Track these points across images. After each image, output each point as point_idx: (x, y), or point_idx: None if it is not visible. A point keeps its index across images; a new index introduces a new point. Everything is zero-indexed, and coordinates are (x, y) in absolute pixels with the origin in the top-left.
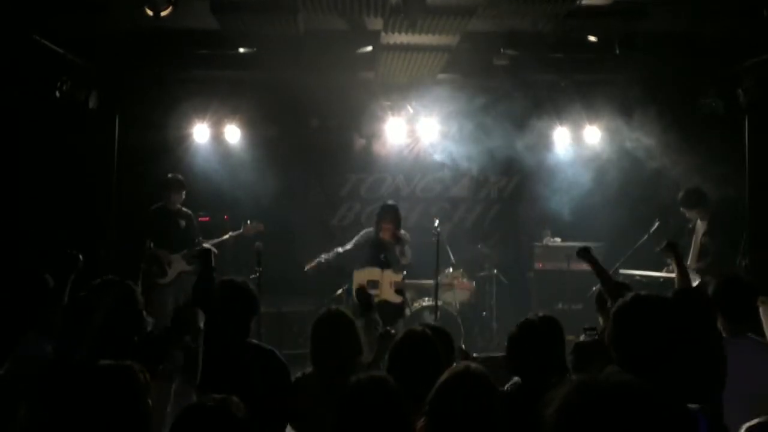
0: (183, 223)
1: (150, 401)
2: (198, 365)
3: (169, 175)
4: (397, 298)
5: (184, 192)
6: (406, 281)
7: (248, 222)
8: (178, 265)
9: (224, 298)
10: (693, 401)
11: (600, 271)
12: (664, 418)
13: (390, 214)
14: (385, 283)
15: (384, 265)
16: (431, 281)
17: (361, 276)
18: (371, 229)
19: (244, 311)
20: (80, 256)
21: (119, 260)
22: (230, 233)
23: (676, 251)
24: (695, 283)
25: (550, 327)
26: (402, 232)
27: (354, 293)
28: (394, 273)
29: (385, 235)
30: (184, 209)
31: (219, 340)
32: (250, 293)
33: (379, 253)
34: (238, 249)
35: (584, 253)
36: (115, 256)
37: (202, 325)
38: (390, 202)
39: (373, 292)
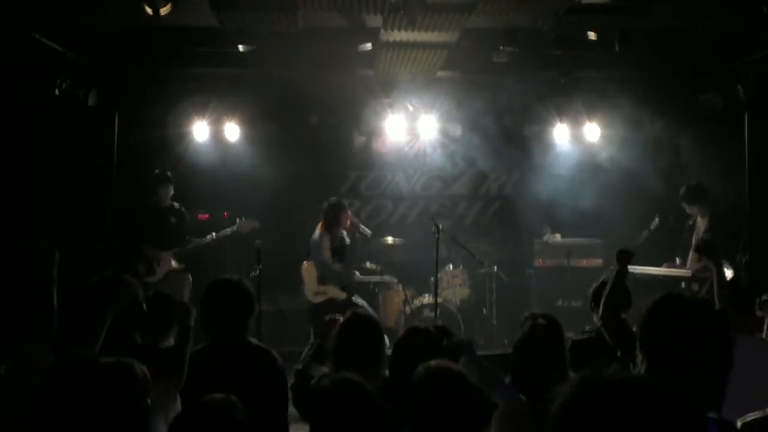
0: (174, 220)
1: (149, 399)
2: (184, 366)
3: (157, 171)
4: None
5: (171, 187)
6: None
7: (243, 219)
8: (167, 263)
9: (219, 298)
10: (708, 405)
11: (619, 283)
12: (668, 414)
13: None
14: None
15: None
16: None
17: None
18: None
19: (240, 311)
20: (56, 252)
21: (118, 257)
22: (213, 233)
23: (715, 252)
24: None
25: (555, 328)
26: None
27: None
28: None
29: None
30: (175, 205)
31: (215, 340)
32: (246, 293)
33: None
34: (236, 247)
35: (625, 257)
36: (114, 252)
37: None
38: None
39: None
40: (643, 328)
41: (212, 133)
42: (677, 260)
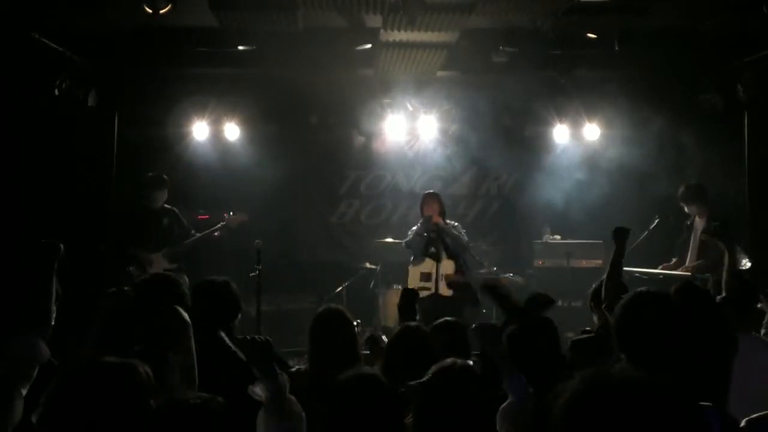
0: (166, 221)
1: (153, 401)
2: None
3: (150, 174)
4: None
5: (166, 191)
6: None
7: (231, 213)
8: (159, 264)
9: (202, 300)
10: (701, 399)
11: (616, 263)
12: (673, 413)
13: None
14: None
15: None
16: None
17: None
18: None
19: (224, 312)
20: (61, 245)
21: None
22: (204, 231)
23: (728, 234)
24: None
25: (550, 327)
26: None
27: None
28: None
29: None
30: (167, 206)
31: (203, 340)
32: (229, 295)
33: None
34: (234, 247)
35: (621, 234)
36: (114, 252)
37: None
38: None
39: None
40: (618, 330)
41: (212, 133)
42: (673, 260)
